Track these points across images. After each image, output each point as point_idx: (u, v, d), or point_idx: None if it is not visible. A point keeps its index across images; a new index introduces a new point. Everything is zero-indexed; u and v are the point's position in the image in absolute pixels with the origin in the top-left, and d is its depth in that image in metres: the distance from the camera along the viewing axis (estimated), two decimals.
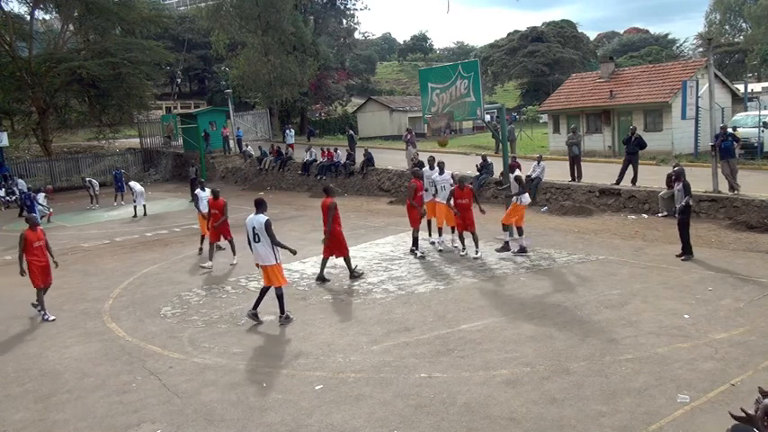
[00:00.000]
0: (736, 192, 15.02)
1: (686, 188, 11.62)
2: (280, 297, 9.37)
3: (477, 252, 12.70)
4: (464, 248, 13.02)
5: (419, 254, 13.17)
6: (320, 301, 10.47)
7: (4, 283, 13.66)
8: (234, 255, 13.64)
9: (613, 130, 27.65)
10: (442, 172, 13.70)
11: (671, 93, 25.35)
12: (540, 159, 18.99)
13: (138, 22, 38.53)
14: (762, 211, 13.87)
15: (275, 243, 9.20)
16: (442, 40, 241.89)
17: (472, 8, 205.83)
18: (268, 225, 9.16)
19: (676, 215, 11.99)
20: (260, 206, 9.35)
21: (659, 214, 15.42)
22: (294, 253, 9.65)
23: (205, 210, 14.45)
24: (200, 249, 15.01)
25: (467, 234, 13.01)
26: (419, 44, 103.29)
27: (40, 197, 23.32)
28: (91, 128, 42.45)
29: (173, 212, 22.49)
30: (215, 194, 13.81)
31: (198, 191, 15.44)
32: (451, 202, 12.78)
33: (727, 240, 12.74)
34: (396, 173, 23.56)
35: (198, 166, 27.65)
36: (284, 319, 9.36)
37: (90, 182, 27.00)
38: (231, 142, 34.82)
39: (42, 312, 10.68)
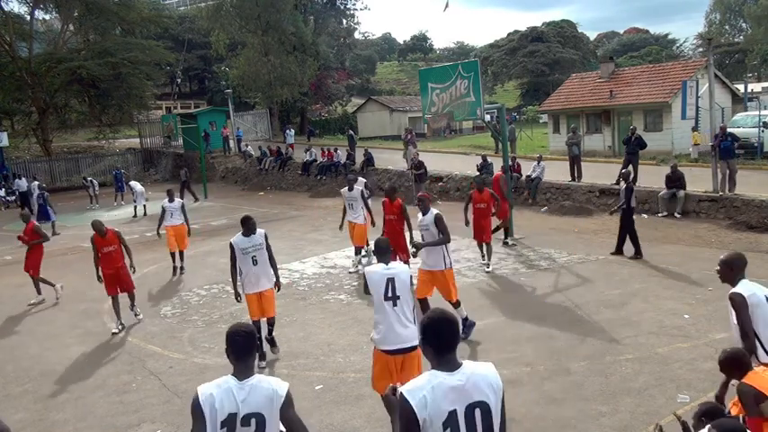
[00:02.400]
0: (721, 193, 15.02)
1: (629, 191, 11.87)
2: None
3: (488, 266, 11.69)
4: (488, 263, 11.76)
5: (511, 242, 13.55)
6: (320, 300, 10.47)
7: (4, 284, 13.67)
8: (38, 294, 11.73)
9: (613, 130, 27.64)
10: (350, 188, 12.28)
11: (671, 93, 25.34)
12: (539, 159, 18.99)
13: (138, 22, 38.54)
14: (762, 211, 13.87)
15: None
16: (442, 40, 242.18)
17: (472, 8, 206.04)
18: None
19: (612, 214, 12.49)
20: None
21: (659, 214, 15.43)
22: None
23: (171, 222, 13.07)
24: (175, 268, 13.18)
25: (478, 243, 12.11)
26: (419, 44, 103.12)
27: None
28: (91, 128, 42.45)
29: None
30: (25, 218, 12.07)
31: (165, 201, 13.35)
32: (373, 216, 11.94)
33: (727, 240, 12.73)
34: (396, 173, 23.56)
35: (186, 169, 27.57)
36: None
37: (90, 181, 27.02)
38: (231, 142, 34.81)
39: (116, 322, 9.69)
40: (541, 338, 7.95)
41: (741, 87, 31.57)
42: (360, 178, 13.82)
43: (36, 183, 24.33)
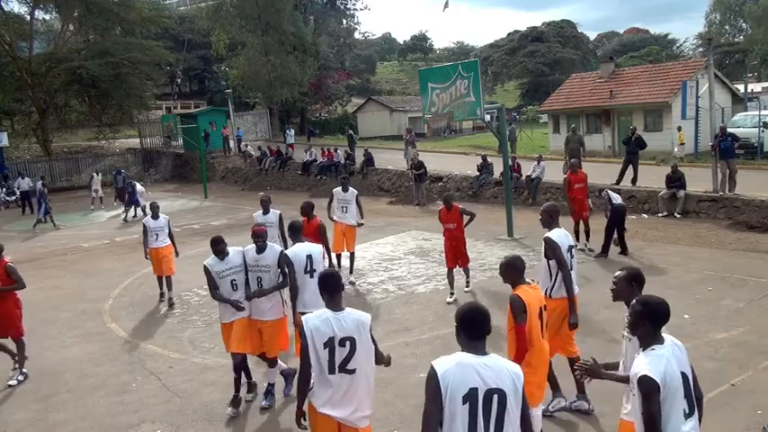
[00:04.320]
0: (720, 193, 15.03)
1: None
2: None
3: (468, 285, 10.35)
4: (452, 294, 9.91)
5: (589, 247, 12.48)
6: None
7: None
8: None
9: (613, 130, 27.67)
10: (266, 211, 10.17)
11: (671, 93, 25.36)
12: (540, 159, 18.99)
13: (138, 22, 38.51)
14: (762, 211, 13.87)
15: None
16: (442, 40, 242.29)
17: (472, 8, 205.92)
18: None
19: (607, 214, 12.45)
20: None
21: (659, 214, 15.43)
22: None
23: (157, 244, 10.72)
24: (162, 294, 10.99)
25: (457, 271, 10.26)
26: (419, 44, 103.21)
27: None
28: (91, 128, 42.44)
29: (173, 212, 22.47)
30: None
31: (147, 218, 11.21)
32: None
33: (727, 240, 12.73)
34: (396, 173, 23.56)
35: (125, 172, 27.02)
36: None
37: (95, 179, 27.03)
38: (231, 142, 34.83)
39: (16, 369, 7.94)
40: None
41: (741, 87, 31.58)
42: (351, 189, 11.83)
43: (40, 183, 24.28)
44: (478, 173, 20.38)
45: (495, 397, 2.92)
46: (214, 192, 27.61)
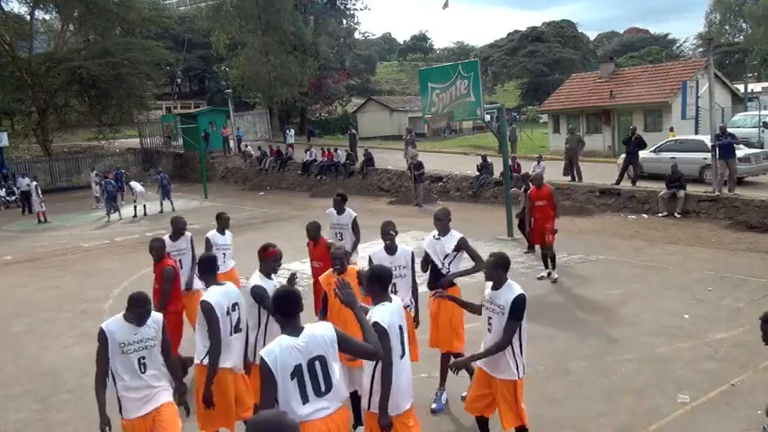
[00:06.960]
0: (718, 193, 15.04)
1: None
2: None
3: None
4: None
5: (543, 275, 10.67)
6: None
7: (4, 284, 13.67)
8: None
9: (613, 130, 27.67)
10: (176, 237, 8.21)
11: (671, 93, 25.38)
12: (540, 159, 18.99)
13: (138, 22, 38.52)
14: (762, 211, 13.88)
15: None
16: (442, 40, 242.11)
17: (472, 8, 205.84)
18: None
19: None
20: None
21: (659, 214, 15.43)
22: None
23: (227, 266, 8.60)
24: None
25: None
26: (419, 44, 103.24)
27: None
28: (91, 128, 42.44)
29: (173, 212, 22.52)
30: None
31: (213, 233, 8.82)
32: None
33: (727, 240, 12.73)
34: (396, 173, 23.56)
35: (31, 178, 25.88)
36: None
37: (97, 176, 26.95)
38: (231, 142, 34.81)
39: None
40: (541, 338, 7.94)
41: (741, 87, 31.59)
42: (348, 210, 9.35)
43: (35, 183, 24.25)
44: (478, 173, 20.39)
45: (317, 363, 3.51)
46: (214, 192, 27.61)
